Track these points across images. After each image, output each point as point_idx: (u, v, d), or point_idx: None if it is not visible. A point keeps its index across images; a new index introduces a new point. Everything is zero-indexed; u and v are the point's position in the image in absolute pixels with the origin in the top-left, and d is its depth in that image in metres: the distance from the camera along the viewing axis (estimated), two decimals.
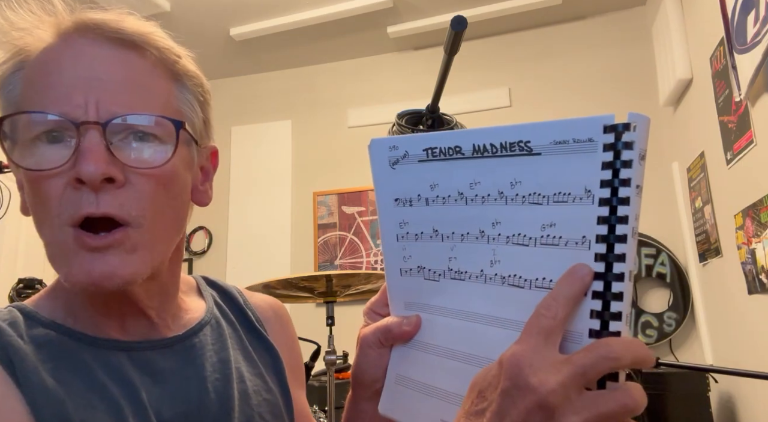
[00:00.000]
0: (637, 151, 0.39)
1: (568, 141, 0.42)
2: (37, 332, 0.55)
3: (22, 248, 3.09)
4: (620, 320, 0.39)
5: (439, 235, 0.50)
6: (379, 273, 1.91)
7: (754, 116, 1.97)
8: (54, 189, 0.49)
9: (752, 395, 2.21)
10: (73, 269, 0.50)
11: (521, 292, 0.44)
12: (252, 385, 0.65)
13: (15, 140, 0.52)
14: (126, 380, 0.55)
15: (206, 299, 0.69)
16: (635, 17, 3.37)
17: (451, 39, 0.96)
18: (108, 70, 0.51)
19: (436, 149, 0.49)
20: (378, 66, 3.82)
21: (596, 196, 0.40)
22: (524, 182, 0.44)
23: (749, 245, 2.05)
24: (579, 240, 0.41)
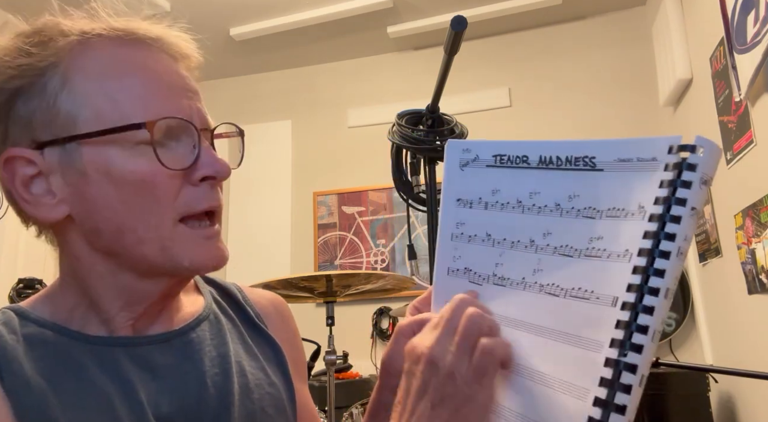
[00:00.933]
0: (699, 174, 0.39)
1: (632, 159, 0.42)
2: (30, 331, 0.56)
3: (22, 248, 3.09)
4: (646, 334, 0.39)
5: (491, 240, 0.51)
6: (379, 273, 1.91)
7: (754, 116, 1.98)
8: (172, 188, 0.54)
9: (752, 395, 2.21)
10: (200, 255, 0.56)
11: (555, 300, 0.45)
12: (253, 379, 0.65)
13: (118, 142, 0.54)
14: (122, 376, 0.55)
15: (204, 296, 0.70)
16: (635, 17, 3.37)
17: (451, 39, 0.96)
18: (189, 80, 0.58)
19: (504, 156, 0.50)
20: (378, 66, 3.82)
21: (648, 212, 0.40)
22: (582, 196, 0.45)
23: (749, 245, 2.05)
24: (621, 253, 0.41)
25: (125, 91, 0.54)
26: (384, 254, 3.49)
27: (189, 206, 0.55)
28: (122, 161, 0.53)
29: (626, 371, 0.39)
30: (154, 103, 0.54)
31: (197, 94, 0.58)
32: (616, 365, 0.39)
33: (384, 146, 1.29)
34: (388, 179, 1.21)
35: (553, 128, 3.39)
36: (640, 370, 0.39)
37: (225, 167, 0.56)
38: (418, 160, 1.16)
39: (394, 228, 3.51)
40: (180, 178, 0.54)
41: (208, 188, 0.56)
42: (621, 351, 0.39)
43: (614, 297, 0.41)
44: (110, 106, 0.53)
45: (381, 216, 3.54)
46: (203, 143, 0.55)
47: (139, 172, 0.53)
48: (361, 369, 3.12)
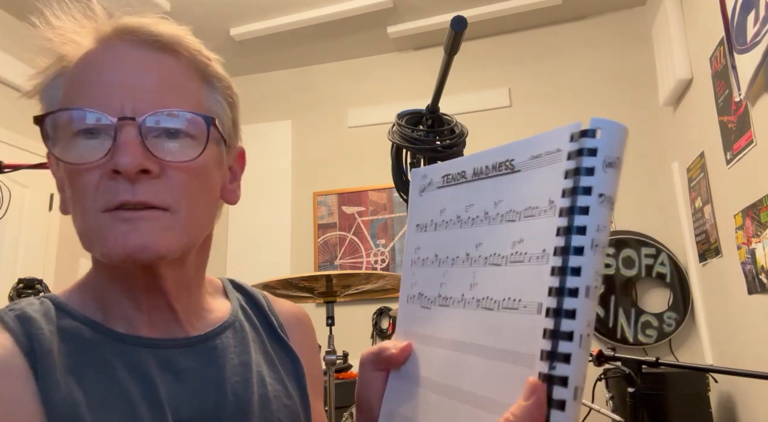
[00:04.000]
0: (601, 158, 0.37)
1: (542, 154, 0.41)
2: (66, 324, 0.56)
3: (22, 248, 3.09)
4: (572, 340, 0.36)
5: (437, 260, 0.50)
6: (379, 273, 1.91)
7: (754, 116, 1.97)
8: (91, 180, 0.52)
9: (752, 395, 2.21)
10: (109, 242, 0.52)
11: (491, 314, 0.42)
12: (272, 390, 0.64)
13: (56, 138, 0.54)
14: (147, 377, 0.55)
15: (231, 302, 0.69)
16: (635, 17, 3.37)
17: (451, 39, 0.96)
18: (144, 72, 0.54)
19: (449, 175, 0.50)
20: (378, 66, 3.82)
21: (557, 206, 0.38)
22: (505, 200, 0.44)
23: (749, 245, 2.05)
24: (540, 254, 0.39)
25: (58, 89, 0.56)
26: (384, 254, 3.49)
27: (106, 199, 0.52)
28: (59, 152, 0.54)
29: (558, 385, 0.36)
30: (72, 100, 0.54)
31: (148, 85, 0.54)
32: (549, 380, 0.36)
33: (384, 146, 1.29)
34: (388, 179, 1.21)
35: (552, 127, 3.38)
36: (572, 382, 0.36)
37: (126, 162, 0.51)
38: (418, 160, 1.16)
39: (394, 228, 3.51)
40: (98, 171, 0.52)
41: (123, 182, 0.52)
42: (550, 364, 0.36)
43: (539, 304, 0.38)
44: (47, 103, 0.57)
45: (381, 216, 3.54)
46: (121, 134, 0.52)
47: (67, 163, 0.54)
48: None
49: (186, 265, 0.60)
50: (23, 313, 0.55)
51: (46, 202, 3.29)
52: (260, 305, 0.73)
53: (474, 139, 1.25)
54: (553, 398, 0.36)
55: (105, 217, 0.52)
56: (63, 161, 0.53)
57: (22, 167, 1.53)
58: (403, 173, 1.18)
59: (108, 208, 0.52)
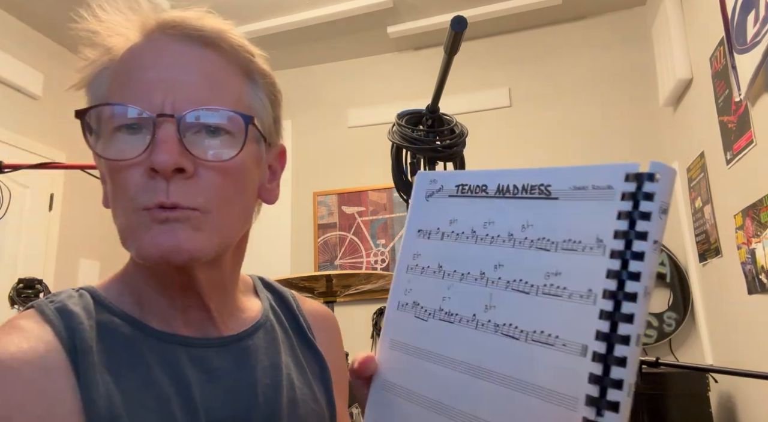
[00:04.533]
0: (657, 203, 0.37)
1: (587, 187, 0.40)
2: (105, 318, 0.55)
3: (22, 248, 3.09)
4: (621, 389, 0.35)
5: (441, 272, 0.48)
6: (379, 273, 1.91)
7: (754, 116, 1.98)
8: (132, 177, 0.52)
9: (752, 395, 2.21)
10: (144, 242, 0.51)
11: (514, 344, 0.41)
12: (300, 393, 0.64)
13: (99, 132, 0.54)
14: (182, 377, 0.55)
15: (262, 301, 0.69)
16: (635, 17, 3.37)
17: (451, 39, 0.96)
18: (185, 68, 0.54)
19: (466, 186, 0.48)
20: (378, 66, 3.82)
21: (608, 247, 0.38)
22: (536, 225, 0.42)
23: (749, 245, 2.05)
24: (584, 293, 0.38)
25: (104, 82, 0.56)
26: (384, 254, 3.49)
27: (142, 199, 0.51)
28: (100, 148, 0.54)
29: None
30: (114, 95, 0.54)
31: (190, 82, 0.53)
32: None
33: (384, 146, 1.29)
34: (388, 179, 1.21)
35: (553, 128, 3.39)
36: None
37: (162, 160, 0.50)
38: (418, 160, 1.16)
39: (394, 228, 3.51)
40: (138, 168, 0.52)
41: (160, 181, 0.51)
42: (598, 411, 0.36)
43: (583, 345, 0.37)
44: (92, 97, 0.57)
45: (381, 216, 3.54)
46: (159, 131, 0.51)
47: (104, 161, 0.54)
48: None
49: (221, 265, 0.59)
50: (64, 306, 0.54)
51: (46, 202, 3.29)
52: (289, 304, 0.72)
53: (474, 139, 1.25)
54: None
55: (143, 215, 0.51)
56: (103, 158, 0.53)
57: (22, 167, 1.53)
58: (403, 173, 1.18)
59: (146, 207, 0.51)
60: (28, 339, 0.50)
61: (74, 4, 0.57)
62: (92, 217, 3.58)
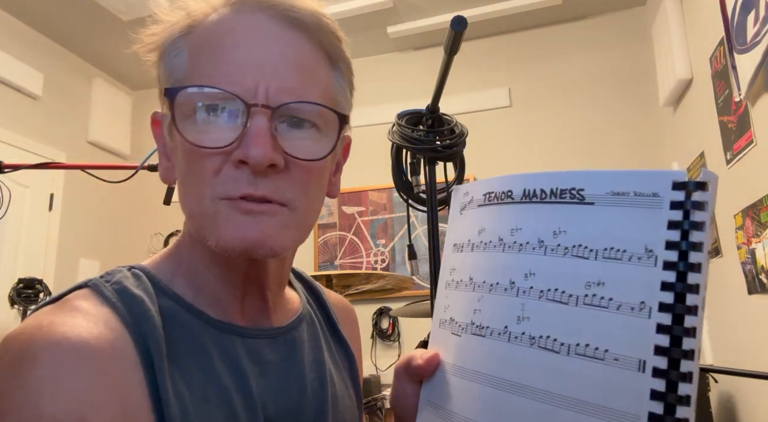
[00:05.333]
0: (709, 213, 0.36)
1: (628, 193, 0.38)
2: (164, 303, 0.51)
3: (22, 248, 3.09)
4: (689, 405, 0.34)
5: (472, 284, 0.46)
6: (379, 273, 1.91)
7: (754, 116, 1.98)
8: (213, 165, 0.48)
9: (752, 395, 2.21)
10: (228, 232, 0.48)
11: (555, 357, 0.39)
12: (339, 389, 0.62)
13: (179, 110, 0.50)
14: (240, 369, 0.52)
15: (299, 293, 0.67)
16: (635, 17, 3.37)
17: (451, 39, 0.96)
18: (280, 53, 0.50)
19: (492, 193, 0.46)
20: (378, 66, 3.82)
21: (660, 258, 0.36)
22: (569, 232, 0.40)
23: (749, 245, 2.05)
24: (636, 306, 0.36)
25: (182, 52, 0.51)
26: (384, 254, 3.49)
27: (225, 188, 0.48)
28: (180, 128, 0.49)
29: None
30: (201, 71, 0.49)
31: (284, 69, 0.49)
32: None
33: (384, 146, 1.29)
34: (388, 179, 1.21)
35: (553, 128, 3.39)
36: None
37: (258, 154, 0.46)
38: (418, 160, 1.16)
39: (394, 228, 3.51)
40: (222, 156, 0.48)
41: (247, 173, 0.48)
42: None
43: (640, 361, 0.35)
44: (169, 67, 0.52)
45: (381, 216, 3.54)
46: (253, 122, 0.47)
47: (186, 142, 0.49)
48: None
49: (286, 257, 0.58)
50: (124, 288, 0.49)
51: (46, 202, 3.29)
52: (320, 297, 0.70)
53: (474, 139, 1.25)
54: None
55: (223, 205, 0.48)
56: (187, 140, 0.49)
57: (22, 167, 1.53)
58: (403, 173, 1.18)
59: (229, 197, 0.48)
60: (96, 323, 0.44)
61: (75, 5, 0.56)
62: (92, 217, 3.58)
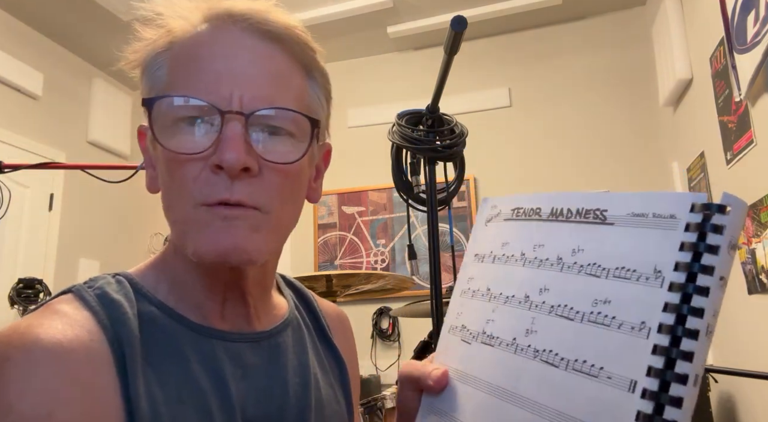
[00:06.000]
0: (727, 237, 0.34)
1: (647, 215, 0.38)
2: (144, 308, 0.53)
3: (22, 248, 3.09)
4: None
5: (489, 294, 0.47)
6: (379, 273, 1.91)
7: (754, 116, 1.98)
8: (192, 171, 0.51)
9: (752, 395, 2.21)
10: (202, 240, 0.50)
11: (553, 371, 0.39)
12: (325, 394, 0.63)
13: (158, 119, 0.52)
14: (219, 372, 0.53)
15: (287, 299, 0.68)
16: (635, 17, 3.37)
17: (451, 39, 0.96)
18: (255, 64, 0.52)
19: (521, 209, 0.47)
20: (378, 66, 3.82)
21: (667, 279, 0.35)
22: (587, 250, 0.40)
23: (749, 245, 2.05)
24: (636, 325, 0.36)
25: (163, 66, 0.54)
26: (384, 254, 3.49)
27: (203, 194, 0.50)
28: (159, 136, 0.52)
29: None
30: (179, 82, 0.52)
31: (257, 78, 0.52)
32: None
33: (384, 146, 1.29)
34: (388, 179, 1.21)
35: (553, 128, 3.39)
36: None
37: (232, 158, 0.49)
38: (418, 160, 1.16)
39: (394, 228, 3.51)
40: (200, 163, 0.51)
41: (224, 178, 0.50)
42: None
43: (631, 381, 0.35)
44: (151, 81, 0.55)
45: (381, 216, 3.54)
46: (227, 128, 0.50)
47: (164, 150, 0.51)
48: (361, 369, 3.11)
49: (266, 263, 0.59)
50: (105, 293, 0.51)
51: (46, 202, 3.29)
52: (311, 304, 0.71)
53: (474, 139, 1.25)
54: None
55: (202, 211, 0.50)
56: (165, 148, 0.51)
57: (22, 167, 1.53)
58: (403, 173, 1.18)
59: (207, 203, 0.50)
60: (72, 326, 0.47)
61: (75, 5, 0.57)
62: (92, 217, 3.58)
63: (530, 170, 3.37)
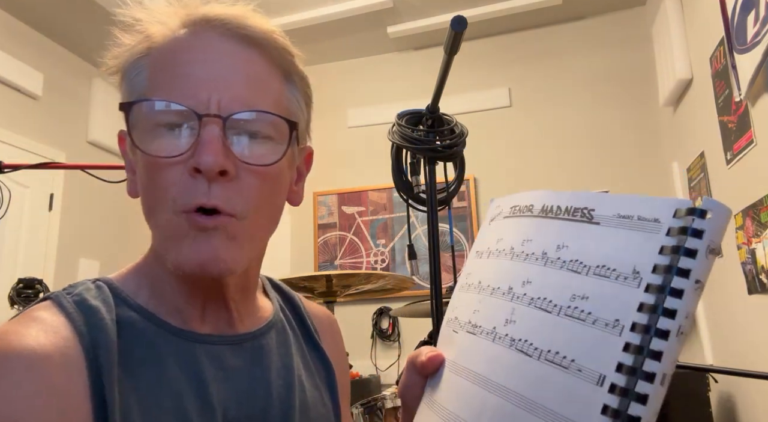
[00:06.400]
0: (705, 242, 0.35)
1: (632, 217, 0.39)
2: (123, 313, 0.53)
3: (22, 248, 3.09)
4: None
5: (479, 287, 0.48)
6: (379, 273, 1.91)
7: (754, 116, 1.98)
8: (172, 176, 0.51)
9: (752, 395, 2.21)
10: (182, 253, 0.51)
11: (526, 361, 0.40)
12: (310, 396, 0.63)
13: (138, 124, 0.53)
14: (199, 375, 0.54)
15: (272, 301, 0.68)
16: (635, 17, 3.37)
17: (451, 39, 0.96)
18: (232, 67, 0.53)
19: (517, 207, 0.48)
20: (378, 66, 3.82)
21: (644, 280, 0.36)
22: (570, 247, 0.42)
23: (749, 245, 2.05)
24: (611, 322, 0.37)
25: (143, 71, 0.54)
26: (384, 254, 3.49)
27: (181, 200, 0.50)
28: (137, 140, 0.52)
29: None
30: (158, 87, 0.52)
31: (235, 82, 0.53)
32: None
33: (384, 146, 1.29)
34: (388, 179, 1.21)
35: (553, 128, 3.39)
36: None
37: (210, 161, 0.49)
38: (418, 160, 1.16)
39: (394, 228, 3.51)
40: (179, 167, 0.51)
41: (202, 181, 0.50)
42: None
43: (600, 375, 0.36)
44: (130, 85, 0.55)
45: (381, 216, 3.54)
46: (205, 131, 0.50)
47: (146, 154, 0.52)
48: (361, 369, 3.12)
49: (249, 268, 0.59)
50: (83, 300, 0.52)
51: (46, 202, 3.29)
52: (297, 306, 0.71)
53: (474, 139, 1.25)
54: None
55: (181, 219, 0.50)
56: (143, 152, 0.51)
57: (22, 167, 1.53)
58: (403, 173, 1.18)
59: (185, 209, 0.50)
60: (46, 333, 0.47)
61: (75, 5, 0.57)
62: (92, 217, 3.58)
63: (530, 169, 3.37)
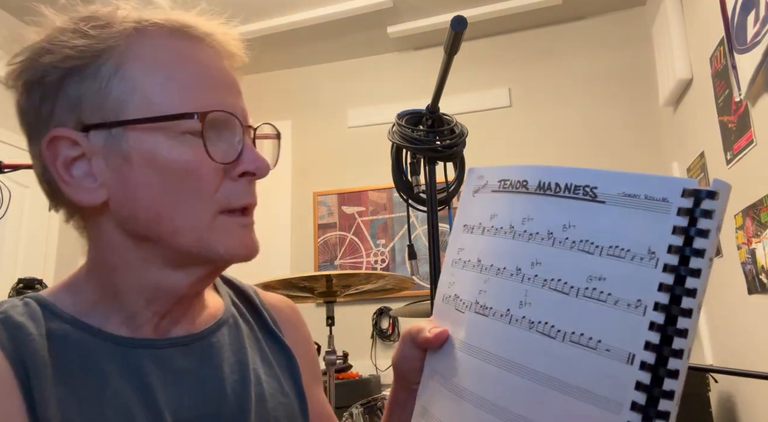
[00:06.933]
0: (716, 221, 0.37)
1: (639, 196, 0.39)
2: (55, 327, 0.53)
3: (22, 248, 3.09)
4: (672, 399, 0.36)
5: (480, 265, 0.49)
6: (379, 273, 1.91)
7: (754, 116, 1.97)
8: (213, 181, 0.55)
9: (752, 395, 2.21)
10: (235, 242, 0.56)
11: (550, 342, 0.41)
12: (268, 388, 0.64)
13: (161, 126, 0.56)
14: (144, 381, 0.54)
15: (223, 298, 0.69)
16: (635, 17, 3.37)
17: (451, 39, 0.96)
18: (234, 79, 0.60)
19: (507, 181, 0.48)
20: (378, 66, 3.82)
21: (661, 260, 0.38)
22: (579, 227, 0.42)
23: (749, 245, 2.05)
24: (633, 303, 0.38)
25: (176, 81, 0.54)
26: (384, 254, 3.49)
27: (228, 201, 0.55)
28: (167, 149, 0.53)
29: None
30: (201, 95, 0.54)
31: (240, 92, 0.59)
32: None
33: (384, 146, 1.29)
34: (388, 179, 1.21)
35: (553, 128, 3.39)
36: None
37: (265, 165, 0.57)
38: (418, 160, 1.16)
39: (394, 228, 3.51)
40: (221, 172, 0.55)
41: (246, 184, 0.56)
42: (645, 417, 0.37)
43: (629, 354, 0.38)
44: (160, 94, 0.53)
45: (381, 216, 3.54)
46: (246, 139, 0.56)
47: (183, 161, 0.53)
48: (361, 369, 3.12)
49: None
50: (8, 317, 0.51)
51: (46, 202, 3.29)
52: (251, 300, 0.72)
53: (474, 139, 1.25)
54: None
55: (223, 219, 0.55)
56: (213, 159, 0.54)
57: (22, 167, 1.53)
58: (403, 173, 1.18)
59: (229, 209, 0.55)
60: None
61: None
62: None
63: None
